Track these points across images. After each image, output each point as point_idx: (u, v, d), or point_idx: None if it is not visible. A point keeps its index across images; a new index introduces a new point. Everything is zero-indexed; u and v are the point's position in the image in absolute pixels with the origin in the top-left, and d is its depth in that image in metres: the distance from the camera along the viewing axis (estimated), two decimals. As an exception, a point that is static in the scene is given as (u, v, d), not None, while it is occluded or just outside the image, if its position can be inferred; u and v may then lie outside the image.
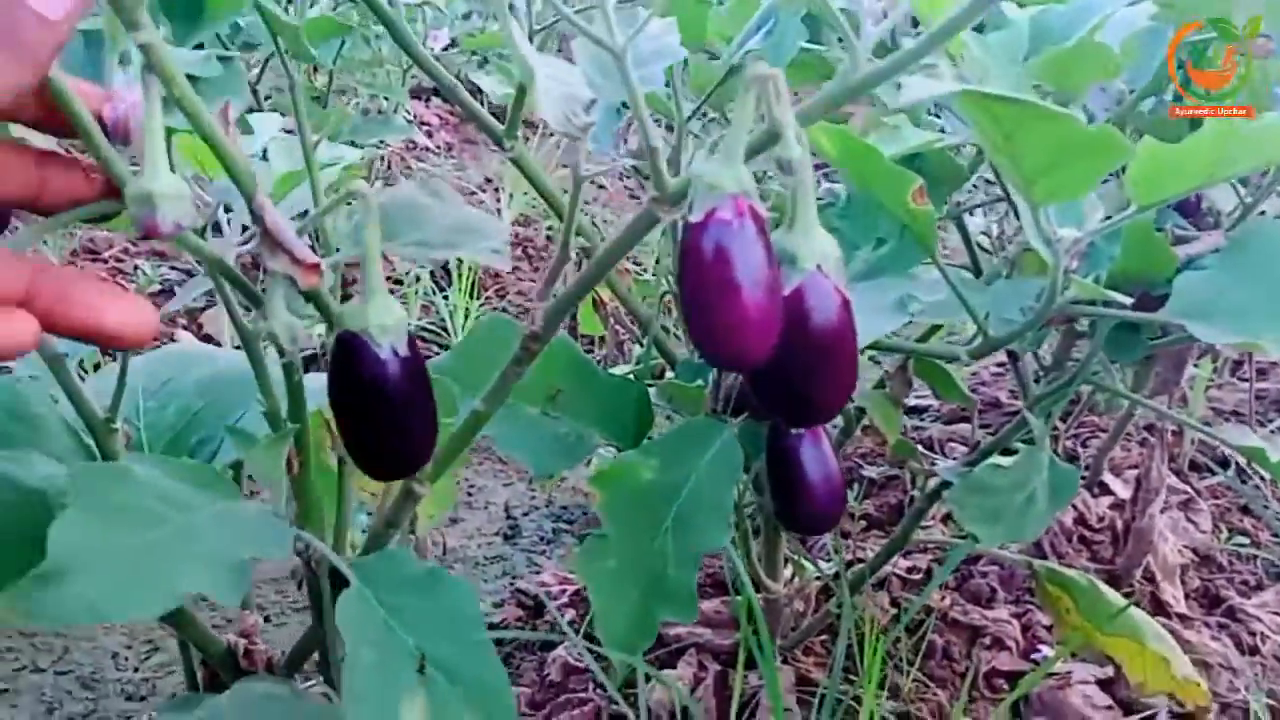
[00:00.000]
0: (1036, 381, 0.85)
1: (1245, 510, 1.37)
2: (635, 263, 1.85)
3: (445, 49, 2.75)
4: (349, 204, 0.46)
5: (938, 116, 0.76)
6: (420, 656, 0.49)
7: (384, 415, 0.47)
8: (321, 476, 0.71)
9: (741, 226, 0.42)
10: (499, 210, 2.31)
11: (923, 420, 1.52)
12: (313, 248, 0.45)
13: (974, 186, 1.31)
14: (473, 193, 2.39)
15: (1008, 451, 1.32)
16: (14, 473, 0.57)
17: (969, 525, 0.68)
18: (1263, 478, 1.41)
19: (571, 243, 0.52)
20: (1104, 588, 0.81)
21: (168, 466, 0.48)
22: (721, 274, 0.41)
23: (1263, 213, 0.69)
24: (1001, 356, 1.57)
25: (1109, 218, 0.59)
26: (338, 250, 0.47)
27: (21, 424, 0.62)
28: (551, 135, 2.65)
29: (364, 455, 0.49)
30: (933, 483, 0.85)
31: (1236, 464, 1.45)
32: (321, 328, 0.52)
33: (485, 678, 0.52)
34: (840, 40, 1.05)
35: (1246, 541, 1.30)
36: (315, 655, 0.71)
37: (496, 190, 2.44)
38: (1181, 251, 0.64)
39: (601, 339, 1.58)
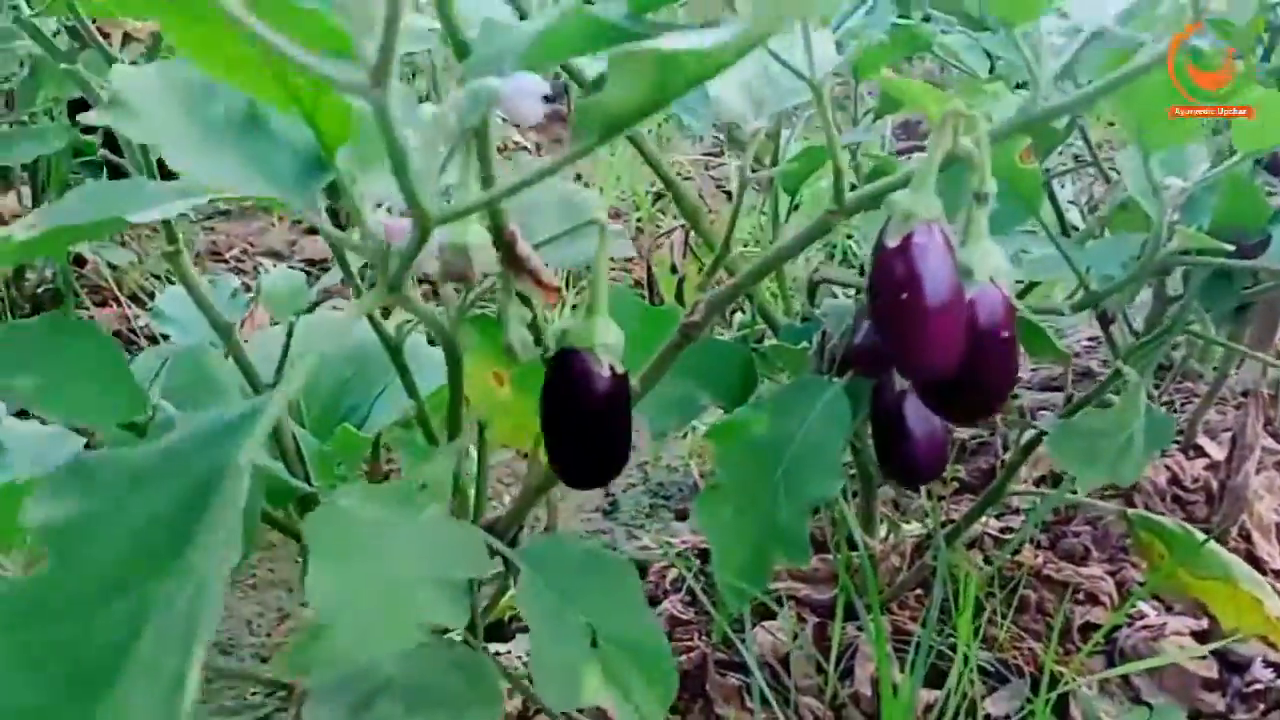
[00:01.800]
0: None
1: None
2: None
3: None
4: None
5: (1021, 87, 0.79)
6: (592, 631, 0.55)
7: (598, 430, 0.52)
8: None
9: (936, 250, 0.47)
10: (589, 206, 2.38)
11: (1017, 390, 1.54)
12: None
13: (1059, 153, 1.33)
14: (564, 188, 2.46)
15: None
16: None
17: (1067, 465, 0.72)
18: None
19: (733, 240, 0.56)
20: (1198, 533, 0.83)
21: (362, 493, 0.53)
22: (920, 297, 0.46)
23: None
24: (1095, 330, 1.58)
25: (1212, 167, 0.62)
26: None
27: (206, 390, 0.69)
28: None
29: (570, 464, 0.55)
30: (1027, 435, 0.88)
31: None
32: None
33: (649, 644, 0.58)
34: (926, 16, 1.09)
35: (1342, 503, 1.30)
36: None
37: (586, 185, 2.50)
38: (1276, 202, 0.67)
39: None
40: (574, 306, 1.90)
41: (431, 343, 0.73)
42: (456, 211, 0.39)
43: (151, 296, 1.86)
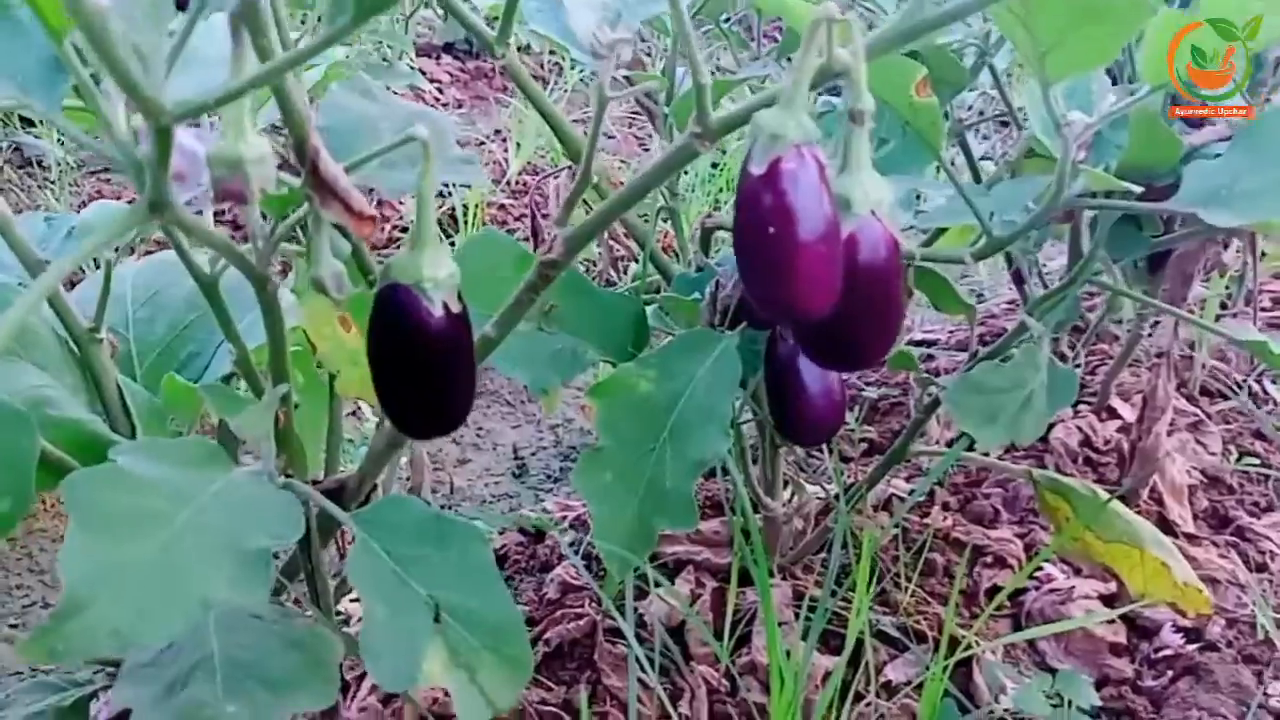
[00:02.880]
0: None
1: (1258, 434, 1.36)
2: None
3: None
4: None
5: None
6: (435, 606, 0.49)
7: (433, 373, 0.46)
8: (309, 396, 0.70)
9: (807, 177, 0.41)
10: (506, 160, 2.30)
11: (932, 351, 1.51)
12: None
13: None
14: (481, 143, 2.37)
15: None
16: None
17: (966, 426, 0.67)
18: (1276, 401, 1.40)
19: (591, 168, 0.50)
20: (1104, 493, 0.79)
21: (157, 449, 0.47)
22: (789, 230, 0.41)
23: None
24: (1013, 294, 1.54)
25: (1119, 101, 0.57)
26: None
27: (19, 337, 0.61)
28: (564, 88, 2.63)
29: (405, 412, 0.48)
30: (932, 393, 0.83)
31: (1249, 388, 1.43)
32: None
33: (500, 619, 0.53)
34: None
35: (1257, 463, 1.28)
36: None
37: (505, 141, 2.41)
38: (1186, 140, 0.62)
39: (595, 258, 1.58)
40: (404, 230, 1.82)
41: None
42: (197, 105, 0.32)
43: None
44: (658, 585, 0.91)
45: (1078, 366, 1.42)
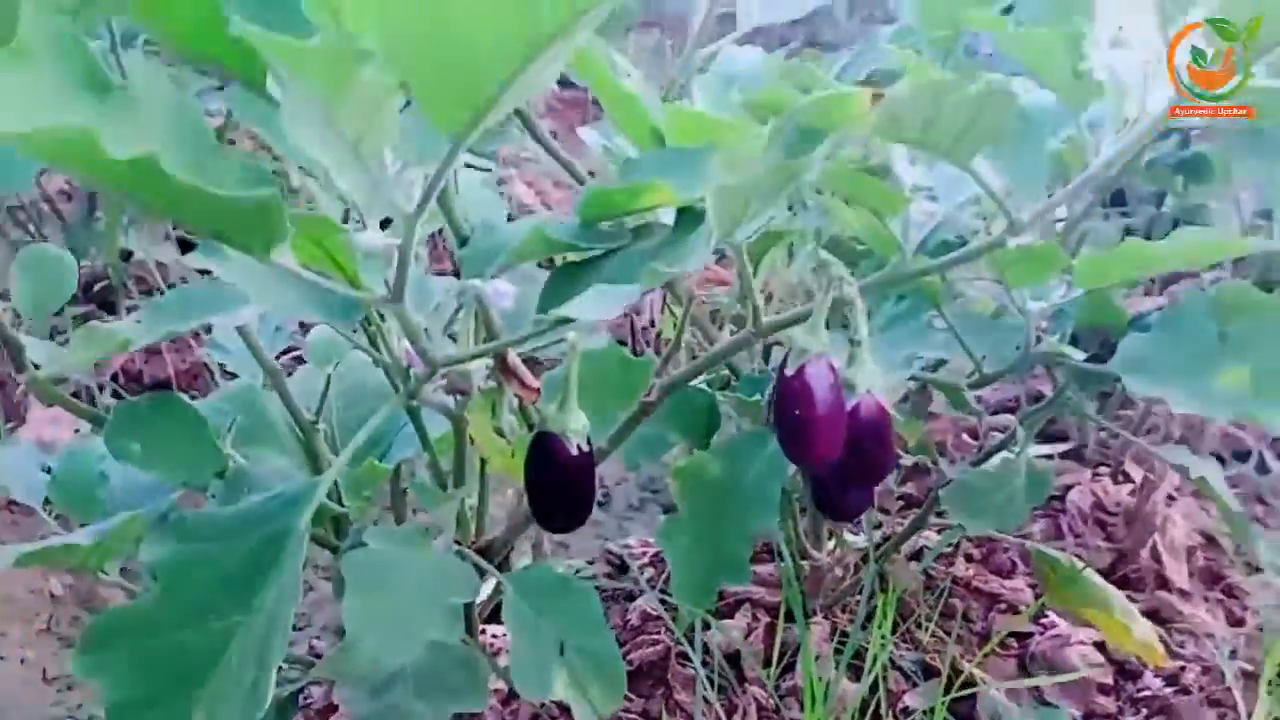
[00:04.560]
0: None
1: (1260, 499, 1.52)
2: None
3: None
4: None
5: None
6: (560, 643, 0.71)
7: (566, 492, 0.68)
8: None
9: (822, 377, 0.62)
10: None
11: (979, 400, 1.69)
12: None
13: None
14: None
15: (1045, 438, 1.50)
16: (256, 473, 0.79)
17: (958, 519, 0.88)
18: (1269, 469, 1.56)
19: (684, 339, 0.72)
20: (1082, 567, 0.99)
21: (388, 533, 0.69)
22: (809, 411, 0.62)
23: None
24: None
25: (1066, 294, 0.77)
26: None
27: (260, 425, 0.85)
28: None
29: (546, 514, 0.71)
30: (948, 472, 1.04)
31: (1260, 455, 1.59)
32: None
33: (604, 654, 0.75)
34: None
35: (1257, 528, 1.45)
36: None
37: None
38: (1132, 309, 0.82)
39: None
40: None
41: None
42: (454, 359, 0.55)
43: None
44: (720, 617, 1.13)
45: (1102, 431, 1.60)
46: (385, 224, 0.48)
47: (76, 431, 1.85)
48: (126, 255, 2.01)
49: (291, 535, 0.58)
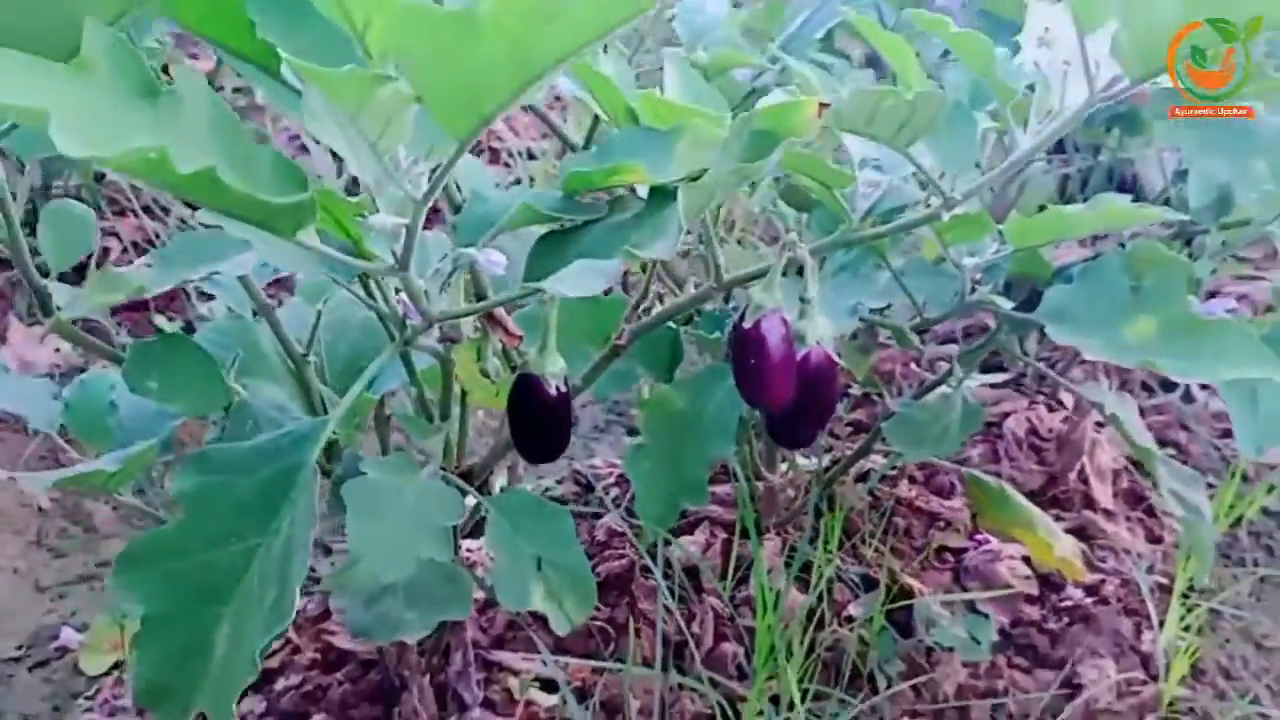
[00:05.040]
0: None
1: (1184, 427, 1.64)
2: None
3: None
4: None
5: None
6: (538, 559, 0.79)
7: (546, 427, 0.75)
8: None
9: (776, 331, 0.69)
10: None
11: (922, 341, 1.79)
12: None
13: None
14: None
15: (986, 369, 1.60)
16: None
17: (897, 446, 0.97)
18: (1194, 398, 1.67)
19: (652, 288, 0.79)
20: (1009, 490, 1.09)
21: (382, 464, 0.76)
22: (763, 359, 0.70)
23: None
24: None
25: (998, 250, 0.85)
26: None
27: (256, 359, 0.91)
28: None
29: (528, 447, 0.78)
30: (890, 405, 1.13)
31: (1186, 387, 1.70)
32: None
33: (577, 569, 0.83)
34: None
35: (1174, 452, 1.57)
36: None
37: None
38: (1057, 261, 0.90)
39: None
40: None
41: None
42: (449, 314, 0.62)
43: (165, 210, 2.06)
44: (680, 534, 1.23)
45: (1042, 360, 1.70)
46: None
47: (56, 350, 1.90)
48: (100, 176, 2.03)
49: (304, 468, 0.65)
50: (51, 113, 0.38)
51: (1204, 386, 1.67)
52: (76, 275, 0.85)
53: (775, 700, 1.06)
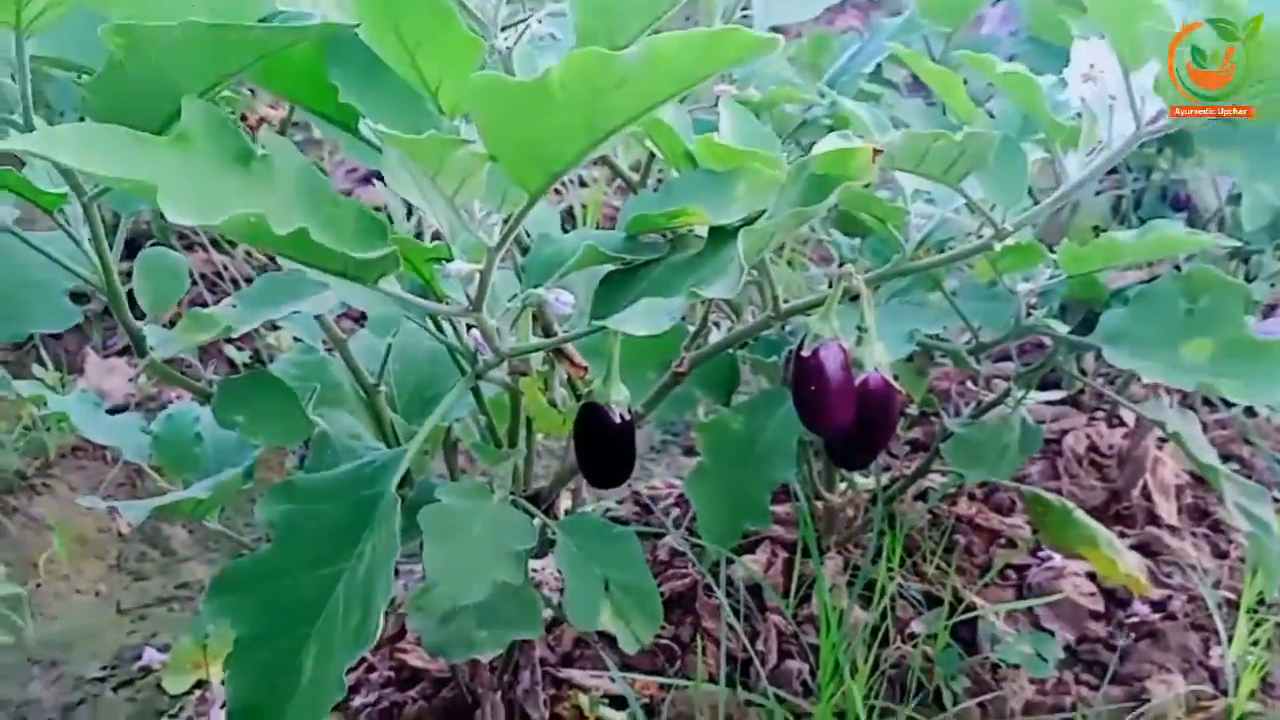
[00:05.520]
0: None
1: (1246, 441, 1.62)
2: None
3: None
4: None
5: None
6: (605, 580, 0.82)
7: (612, 454, 0.78)
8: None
9: (835, 359, 0.71)
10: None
11: (978, 360, 1.79)
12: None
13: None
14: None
15: (1043, 386, 1.60)
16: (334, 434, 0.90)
17: (956, 467, 0.98)
18: (1256, 412, 1.65)
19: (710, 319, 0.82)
20: (1072, 506, 1.10)
21: (456, 489, 0.79)
22: (822, 387, 0.72)
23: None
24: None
25: (1052, 275, 0.86)
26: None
27: (330, 390, 0.96)
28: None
29: (594, 473, 0.81)
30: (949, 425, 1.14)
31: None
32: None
33: (644, 588, 0.85)
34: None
35: (1239, 467, 1.55)
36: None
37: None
38: (1112, 285, 0.91)
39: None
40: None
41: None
42: (519, 350, 0.65)
43: (233, 245, 2.14)
44: (741, 554, 1.25)
45: (1099, 377, 1.69)
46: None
47: (131, 380, 1.98)
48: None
49: (384, 497, 0.69)
50: (159, 184, 0.42)
51: (1269, 399, 1.65)
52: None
53: (842, 716, 1.07)
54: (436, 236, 0.65)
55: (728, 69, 0.53)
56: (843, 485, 1.33)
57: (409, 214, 0.86)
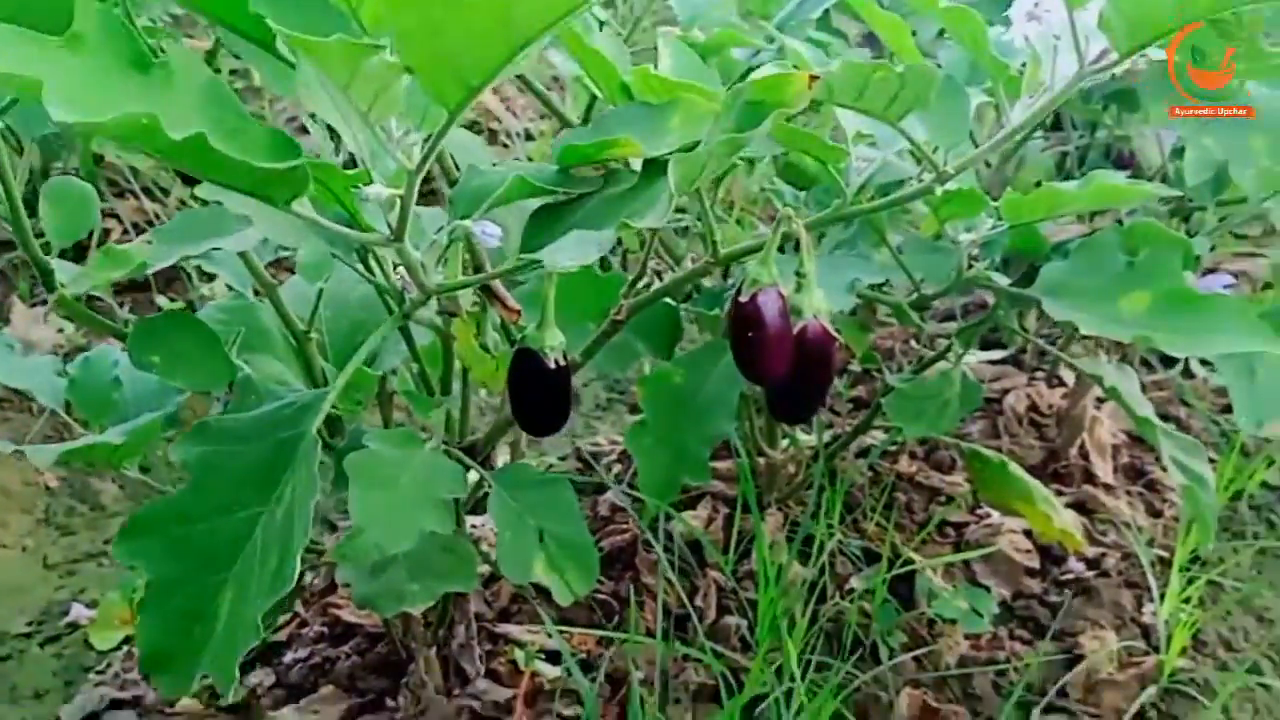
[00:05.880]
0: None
1: (1183, 402, 1.64)
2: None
3: None
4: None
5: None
6: (540, 531, 0.80)
7: (546, 400, 0.75)
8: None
9: (773, 304, 0.70)
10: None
11: (922, 318, 1.79)
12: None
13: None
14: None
15: (985, 345, 1.60)
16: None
17: (896, 422, 0.97)
18: (1193, 374, 1.68)
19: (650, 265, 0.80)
20: (1010, 463, 1.10)
21: (384, 436, 0.77)
22: (760, 333, 0.70)
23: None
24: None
25: (995, 226, 0.85)
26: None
27: (259, 336, 0.92)
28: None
29: (528, 420, 0.78)
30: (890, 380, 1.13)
31: (1185, 363, 1.71)
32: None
33: (579, 541, 0.83)
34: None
35: (1176, 428, 1.57)
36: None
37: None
38: (1053, 238, 0.90)
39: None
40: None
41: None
42: (446, 287, 0.63)
43: (165, 192, 2.08)
44: (682, 509, 1.24)
45: (1042, 336, 1.70)
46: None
47: (59, 330, 1.92)
48: (99, 159, 2.04)
49: (305, 438, 0.66)
50: (45, 82, 0.39)
51: (1204, 362, 1.67)
52: (78, 256, 0.86)
53: (779, 671, 1.07)
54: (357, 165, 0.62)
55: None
56: (784, 442, 1.32)
57: (336, 152, 0.82)
